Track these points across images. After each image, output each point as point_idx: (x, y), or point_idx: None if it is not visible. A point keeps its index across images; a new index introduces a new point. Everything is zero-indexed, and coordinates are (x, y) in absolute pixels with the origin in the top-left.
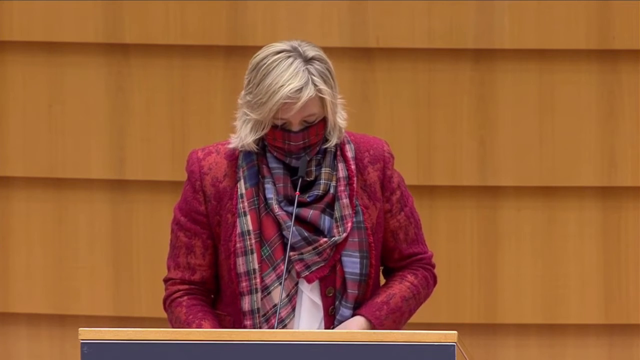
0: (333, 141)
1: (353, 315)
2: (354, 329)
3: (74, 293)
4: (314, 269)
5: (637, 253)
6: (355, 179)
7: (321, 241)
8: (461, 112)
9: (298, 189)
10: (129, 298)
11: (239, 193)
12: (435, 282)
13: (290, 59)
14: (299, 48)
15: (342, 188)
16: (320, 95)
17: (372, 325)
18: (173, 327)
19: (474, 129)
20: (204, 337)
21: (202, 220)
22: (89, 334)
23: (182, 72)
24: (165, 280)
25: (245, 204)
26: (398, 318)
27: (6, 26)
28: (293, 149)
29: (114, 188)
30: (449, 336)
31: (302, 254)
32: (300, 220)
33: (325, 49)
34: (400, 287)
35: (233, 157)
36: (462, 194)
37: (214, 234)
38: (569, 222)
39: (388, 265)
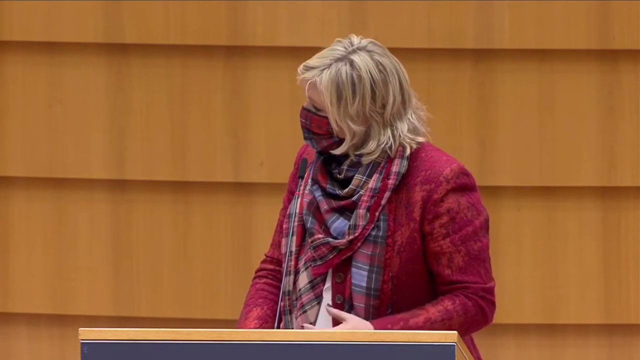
0: (366, 150)
1: None
2: (356, 327)
3: (74, 293)
4: (317, 263)
5: (637, 253)
6: (387, 193)
7: (315, 237)
8: (461, 112)
9: (315, 178)
10: (128, 298)
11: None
12: (482, 313)
13: (334, 48)
14: (357, 51)
15: (366, 198)
16: (315, 84)
17: None
18: None
19: (474, 129)
20: (204, 337)
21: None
22: (89, 334)
23: (182, 72)
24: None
25: (302, 187)
26: None
27: (6, 26)
28: (301, 123)
29: (114, 188)
30: (449, 336)
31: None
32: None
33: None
34: (430, 309)
35: None
36: None
37: None
38: (569, 222)
39: (436, 288)
